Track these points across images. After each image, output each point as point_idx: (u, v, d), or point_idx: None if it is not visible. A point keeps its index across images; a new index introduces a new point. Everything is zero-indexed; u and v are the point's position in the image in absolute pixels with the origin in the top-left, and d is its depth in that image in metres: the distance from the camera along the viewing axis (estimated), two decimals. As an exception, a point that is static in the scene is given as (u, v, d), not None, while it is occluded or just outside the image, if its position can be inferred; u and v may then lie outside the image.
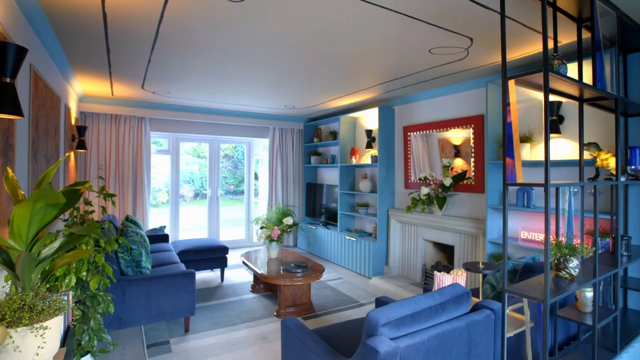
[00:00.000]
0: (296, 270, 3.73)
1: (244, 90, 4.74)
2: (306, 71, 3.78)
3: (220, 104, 5.72)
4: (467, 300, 1.72)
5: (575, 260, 1.74)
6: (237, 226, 7.38)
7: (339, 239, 5.75)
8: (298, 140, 7.20)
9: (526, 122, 3.51)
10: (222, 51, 3.16)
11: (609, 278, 2.35)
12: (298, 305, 3.75)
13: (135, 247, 3.13)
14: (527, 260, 2.71)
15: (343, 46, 3.01)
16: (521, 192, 3.44)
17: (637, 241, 2.63)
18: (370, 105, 5.51)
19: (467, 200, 4.18)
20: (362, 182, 5.44)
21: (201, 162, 7.34)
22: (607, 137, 2.85)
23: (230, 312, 3.79)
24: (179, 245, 4.74)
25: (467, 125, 4.11)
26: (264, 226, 4.31)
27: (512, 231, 3.63)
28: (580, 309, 2.00)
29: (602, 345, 2.14)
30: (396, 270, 5.02)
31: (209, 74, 3.91)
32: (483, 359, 1.70)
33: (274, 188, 6.91)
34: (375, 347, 1.37)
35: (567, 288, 1.58)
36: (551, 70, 1.62)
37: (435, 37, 2.79)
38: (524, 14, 2.36)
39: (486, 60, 3.37)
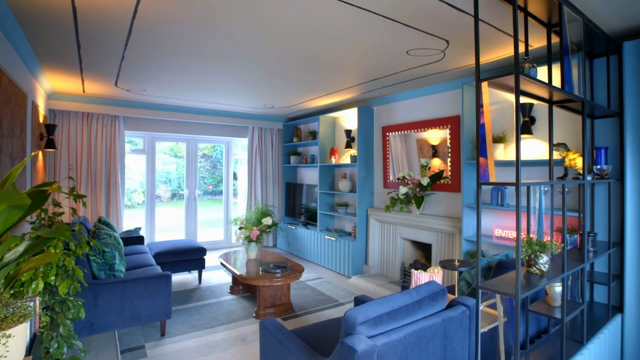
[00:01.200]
0: (275, 270, 3.70)
1: (222, 89, 4.67)
2: (285, 71, 3.76)
3: (197, 102, 5.62)
4: (442, 297, 1.76)
5: (545, 257, 1.80)
6: (215, 227, 7.27)
7: (318, 239, 5.76)
8: (277, 139, 7.16)
9: (500, 123, 3.61)
10: (199, 49, 3.10)
11: (577, 273, 2.46)
12: (277, 306, 3.73)
13: (108, 249, 3.03)
14: (500, 257, 2.79)
15: (322, 46, 3.01)
16: (495, 191, 3.54)
17: (602, 237, 2.75)
18: (349, 105, 5.54)
19: (444, 199, 4.26)
20: (342, 182, 5.47)
21: (178, 162, 7.18)
22: (575, 138, 2.97)
23: (208, 314, 3.73)
24: (154, 247, 4.62)
25: (444, 125, 4.20)
26: (242, 227, 4.26)
27: (486, 229, 3.73)
28: (550, 303, 2.08)
29: (570, 337, 2.23)
30: (375, 269, 5.07)
31: (185, 72, 3.83)
32: (458, 354, 1.73)
33: (253, 188, 6.85)
34: (352, 346, 1.37)
35: (538, 283, 1.64)
36: (522, 73, 1.67)
37: (413, 38, 2.84)
38: (498, 18, 2.43)
39: (462, 63, 3.45)
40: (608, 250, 2.48)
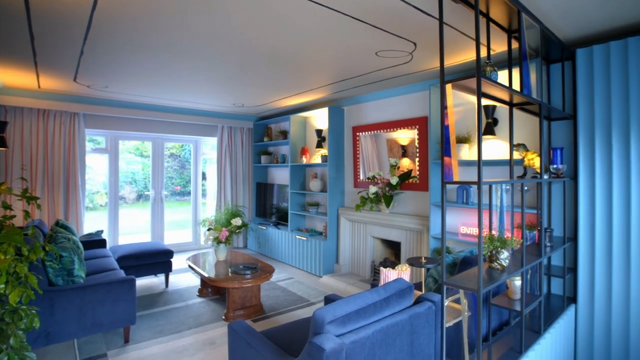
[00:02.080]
0: (245, 271, 3.65)
1: (190, 87, 4.55)
2: (255, 69, 3.72)
3: (164, 100, 5.44)
4: (410, 294, 1.79)
5: (506, 252, 1.88)
6: (183, 229, 7.07)
7: (289, 239, 5.73)
8: (248, 139, 7.06)
9: (465, 124, 3.74)
10: (165, 45, 3.00)
11: (535, 267, 2.58)
12: (247, 308, 3.67)
13: (66, 254, 2.87)
14: (465, 253, 2.89)
15: (291, 45, 3.00)
16: (461, 190, 3.66)
17: (558, 232, 2.91)
18: (320, 105, 5.55)
19: (412, 198, 4.36)
20: (313, 182, 5.47)
21: (145, 161, 6.92)
22: (534, 139, 3.12)
23: (175, 318, 3.62)
24: (118, 251, 4.43)
25: (413, 126, 4.29)
26: (211, 228, 4.16)
27: (452, 226, 3.85)
28: (511, 297, 2.17)
29: (529, 328, 2.34)
30: (346, 267, 5.11)
31: (150, 68, 3.69)
32: (425, 349, 1.78)
33: (222, 188, 6.72)
34: (320, 345, 1.37)
35: (499, 278, 1.71)
36: (483, 76, 1.74)
37: (382, 40, 2.88)
38: (462, 22, 2.51)
39: (429, 65, 3.54)
40: (563, 245, 2.62)
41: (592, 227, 2.63)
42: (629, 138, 2.46)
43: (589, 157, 2.66)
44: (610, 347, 2.55)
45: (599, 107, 2.60)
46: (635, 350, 2.44)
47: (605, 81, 2.57)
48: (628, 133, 2.46)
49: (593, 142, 2.63)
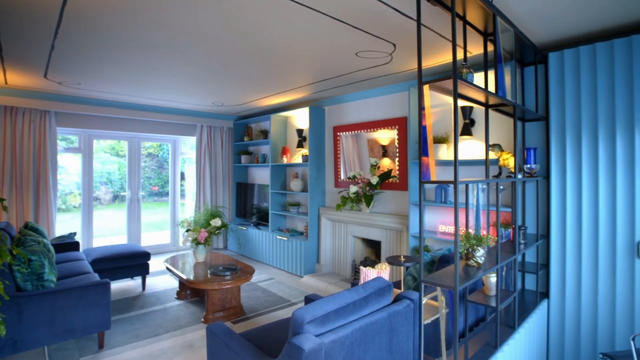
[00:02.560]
0: (225, 273, 3.60)
1: (168, 85, 4.45)
2: (234, 68, 3.67)
3: (141, 98, 5.30)
4: (389, 293, 1.81)
5: (482, 250, 1.92)
6: (161, 230, 6.92)
7: (270, 239, 5.70)
8: (228, 138, 6.97)
9: (444, 125, 3.81)
10: (141, 42, 2.92)
11: (510, 263, 2.65)
12: (227, 309, 3.63)
13: (35, 258, 2.75)
14: (443, 251, 2.94)
15: (271, 44, 2.98)
16: (439, 189, 3.72)
17: (532, 230, 3.00)
18: (301, 104, 5.54)
19: (392, 198, 4.41)
20: (294, 182, 5.46)
21: (121, 161, 6.72)
22: (509, 139, 3.21)
23: (152, 322, 3.53)
24: (92, 254, 4.28)
25: (393, 126, 4.34)
26: (190, 229, 4.09)
27: (431, 225, 3.92)
28: (487, 293, 2.23)
29: (504, 323, 2.41)
30: (327, 267, 5.12)
31: (126, 65, 3.59)
32: (403, 346, 1.80)
33: (202, 188, 6.61)
34: (300, 345, 1.37)
35: (474, 275, 1.75)
36: (460, 78, 1.77)
37: (362, 41, 2.89)
38: (441, 25, 2.55)
39: (408, 66, 3.59)
40: (536, 242, 2.71)
41: (563, 225, 2.73)
42: (597, 139, 2.56)
43: (560, 157, 2.75)
44: (579, 338, 2.65)
45: (569, 109, 2.69)
46: (602, 340, 2.54)
47: (575, 84, 2.67)
48: (596, 134, 2.57)
49: (564, 142, 2.72)
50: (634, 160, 2.42)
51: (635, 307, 2.42)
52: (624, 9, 2.25)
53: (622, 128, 2.46)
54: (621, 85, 2.46)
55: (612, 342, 2.51)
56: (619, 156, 2.48)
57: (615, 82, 2.48)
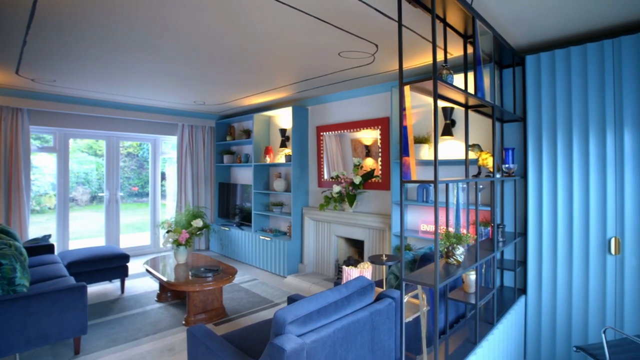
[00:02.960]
0: (206, 274, 3.55)
1: (147, 83, 4.35)
2: (216, 67, 3.62)
3: (119, 96, 5.17)
4: (371, 291, 1.82)
5: (461, 248, 1.96)
6: (142, 231, 6.77)
7: (253, 240, 5.65)
8: (210, 138, 6.88)
9: (425, 125, 3.86)
10: (119, 38, 2.84)
11: (489, 261, 2.71)
12: (209, 311, 3.57)
13: (5, 261, 2.64)
14: (425, 250, 2.98)
15: (253, 42, 2.95)
16: (421, 189, 3.77)
17: (510, 228, 3.08)
18: (284, 104, 5.52)
19: (375, 197, 4.44)
20: (277, 182, 5.43)
21: (99, 161, 6.53)
22: (488, 139, 3.28)
23: (131, 325, 3.44)
24: (68, 257, 4.15)
25: (375, 126, 4.37)
26: (170, 230, 4.01)
27: (413, 224, 3.96)
28: (467, 290, 2.27)
29: (484, 319, 2.46)
30: (311, 267, 5.11)
31: (104, 62, 3.49)
32: (385, 344, 1.81)
33: (183, 189, 6.50)
34: (281, 346, 1.36)
35: (454, 273, 1.77)
36: (440, 79, 1.80)
37: (344, 41, 2.90)
38: (423, 26, 2.58)
39: (390, 67, 3.62)
40: (514, 239, 2.77)
41: (540, 223, 2.80)
42: (572, 139, 2.65)
43: (536, 157, 2.83)
44: (555, 332, 2.73)
45: (545, 110, 2.77)
46: (577, 334, 2.63)
47: (551, 86, 2.75)
48: (570, 135, 2.65)
49: (540, 143, 2.80)
50: (605, 160, 2.51)
51: (607, 301, 2.51)
52: (597, 15, 2.33)
53: (595, 129, 2.55)
54: (594, 87, 2.55)
55: (585, 335, 2.60)
56: (591, 156, 2.57)
57: (588, 84, 2.57)
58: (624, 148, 2.44)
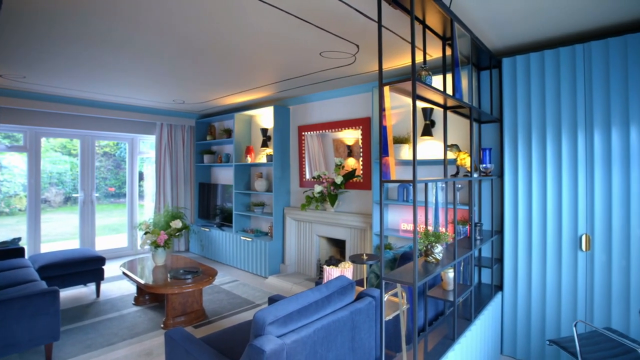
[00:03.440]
0: (186, 276, 3.48)
1: (124, 81, 4.24)
2: (196, 65, 3.56)
3: (94, 94, 5.01)
4: (351, 291, 1.83)
5: (440, 246, 1.99)
6: (119, 233, 6.58)
7: (234, 240, 5.59)
8: (189, 137, 6.76)
9: (406, 125, 3.91)
10: (95, 35, 2.75)
11: (467, 259, 2.77)
12: (188, 314, 3.51)
13: (-29, 265, 2.52)
14: (405, 249, 3.02)
15: (235, 42, 2.91)
16: (401, 188, 3.81)
17: (487, 226, 3.15)
18: (265, 103, 5.48)
19: (356, 197, 4.46)
20: (258, 181, 5.38)
21: (74, 160, 6.31)
22: (467, 140, 3.35)
23: (107, 330, 3.34)
24: (39, 260, 3.99)
25: (357, 126, 4.40)
26: (148, 231, 3.92)
27: (394, 223, 4.01)
28: (445, 288, 2.31)
29: (462, 316, 2.50)
30: (292, 267, 5.10)
31: (77, 59, 3.37)
32: (365, 343, 1.82)
33: (162, 189, 6.36)
34: (261, 347, 1.34)
35: (433, 271, 1.80)
36: (418, 80, 1.82)
37: (326, 41, 2.90)
38: (403, 28, 2.61)
39: (371, 67, 3.64)
40: (491, 237, 2.84)
41: (516, 221, 2.88)
42: (545, 140, 2.73)
43: (512, 157, 2.91)
44: (530, 327, 2.81)
45: (521, 111, 2.85)
46: (550, 328, 2.72)
47: (526, 88, 2.83)
48: (544, 135, 2.74)
49: (516, 143, 2.88)
50: (576, 160, 2.61)
51: (578, 296, 2.60)
52: (569, 20, 2.42)
53: (567, 130, 2.64)
54: (566, 90, 2.64)
55: (558, 328, 2.69)
56: (564, 156, 2.66)
57: (561, 87, 2.66)
58: (593, 149, 2.54)
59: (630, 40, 2.39)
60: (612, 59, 2.46)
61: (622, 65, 2.43)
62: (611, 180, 2.48)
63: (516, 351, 2.89)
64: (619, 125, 2.45)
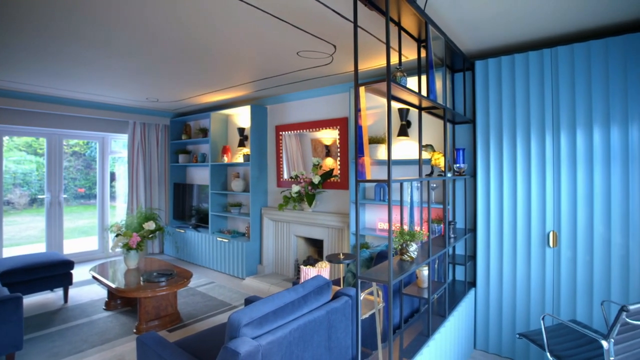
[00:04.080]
0: (159, 279, 3.39)
1: (95, 78, 4.08)
2: (170, 62, 3.47)
3: (62, 91, 4.80)
4: (327, 290, 1.83)
5: (415, 245, 2.02)
6: (89, 236, 6.34)
7: (210, 242, 5.49)
8: (164, 136, 6.59)
9: (383, 126, 3.95)
10: (61, 28, 2.63)
11: (442, 256, 2.83)
12: (162, 318, 3.42)
13: None
14: (381, 248, 3.05)
15: (211, 40, 2.86)
16: (378, 188, 3.85)
17: (461, 225, 3.23)
18: (242, 102, 5.41)
19: (334, 197, 4.48)
20: (235, 182, 5.31)
21: (40, 160, 6.02)
22: (442, 140, 3.42)
23: (75, 337, 3.21)
24: (0, 266, 3.78)
25: (335, 126, 4.41)
26: (120, 233, 3.79)
27: (371, 223, 4.04)
28: (420, 285, 2.34)
29: (436, 312, 2.56)
30: (270, 268, 5.06)
31: (43, 54, 3.22)
32: (342, 342, 1.82)
33: (134, 190, 6.17)
34: (235, 349, 1.32)
35: (408, 269, 1.83)
36: (393, 81, 1.83)
37: (303, 40, 2.89)
38: (380, 29, 2.63)
39: (349, 68, 3.66)
40: (465, 235, 2.91)
41: (488, 219, 2.97)
42: (516, 141, 2.83)
43: (485, 157, 2.99)
44: (501, 321, 2.90)
45: (493, 113, 2.94)
46: (520, 321, 2.82)
47: (497, 90, 2.92)
48: (515, 136, 2.83)
49: (488, 144, 2.96)
50: (544, 160, 2.71)
51: (546, 290, 2.71)
52: (539, 26, 2.51)
53: (536, 131, 2.75)
54: (535, 92, 2.74)
55: (528, 322, 2.79)
56: (533, 156, 2.76)
57: (530, 89, 2.76)
58: (560, 149, 2.65)
59: (594, 46, 2.51)
60: (577, 63, 2.57)
61: (585, 69, 2.54)
62: (576, 179, 2.59)
63: (488, 345, 2.98)
64: (583, 127, 2.56)
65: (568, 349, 1.96)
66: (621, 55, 2.43)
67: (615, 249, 2.47)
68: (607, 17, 2.38)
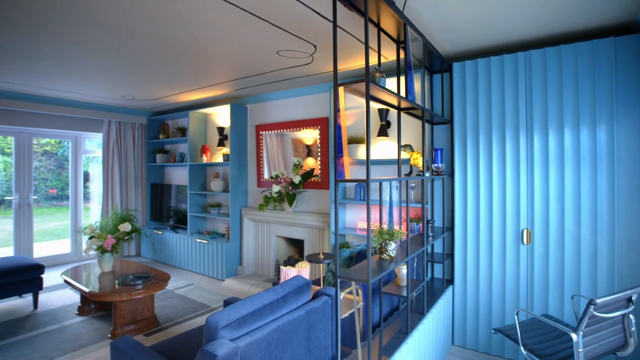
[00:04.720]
0: (136, 282, 3.30)
1: (67, 75, 3.93)
2: (147, 60, 3.38)
3: (31, 87, 4.60)
4: (307, 290, 1.82)
5: (394, 244, 2.04)
6: (61, 238, 6.10)
7: (189, 243, 5.39)
8: (140, 135, 6.43)
9: (363, 126, 3.97)
10: (31, 23, 2.52)
11: (420, 255, 2.87)
12: (139, 322, 3.33)
13: None
14: (361, 247, 3.07)
15: (189, 37, 2.80)
16: (359, 188, 3.88)
17: (439, 223, 3.29)
18: (222, 102, 5.34)
19: (315, 197, 4.48)
20: (214, 182, 5.24)
21: (8, 160, 5.76)
22: (420, 140, 3.46)
23: (45, 344, 3.08)
24: (-36, 269, 3.60)
25: (315, 126, 4.41)
26: (94, 235, 3.67)
27: (352, 222, 4.06)
28: (399, 284, 2.37)
29: (415, 310, 2.59)
30: (250, 269, 5.01)
31: (10, 50, 3.08)
32: (322, 342, 1.82)
33: (110, 190, 5.99)
34: (213, 352, 1.30)
35: (387, 267, 1.84)
36: (372, 81, 1.85)
37: (283, 40, 2.87)
38: (360, 30, 2.65)
39: (329, 68, 3.67)
40: (442, 234, 2.97)
41: (465, 218, 3.03)
42: (492, 141, 2.90)
43: (462, 157, 3.06)
44: (478, 317, 2.97)
45: (469, 114, 3.00)
46: (496, 317, 2.89)
47: (474, 92, 2.99)
48: (491, 137, 2.90)
49: (465, 144, 3.03)
50: (519, 160, 2.79)
51: (520, 286, 2.79)
52: (513, 30, 2.58)
53: (510, 132, 2.82)
54: (509, 94, 2.82)
55: (503, 317, 2.87)
56: (507, 156, 2.84)
57: (505, 91, 2.84)
58: (533, 149, 2.74)
59: (564, 51, 2.60)
60: (549, 66, 2.66)
61: (557, 73, 2.64)
62: (549, 178, 2.68)
63: (466, 341, 3.04)
64: (555, 128, 2.66)
65: (541, 342, 2.03)
66: (589, 60, 2.53)
67: (585, 246, 2.57)
68: (576, 23, 2.48)
